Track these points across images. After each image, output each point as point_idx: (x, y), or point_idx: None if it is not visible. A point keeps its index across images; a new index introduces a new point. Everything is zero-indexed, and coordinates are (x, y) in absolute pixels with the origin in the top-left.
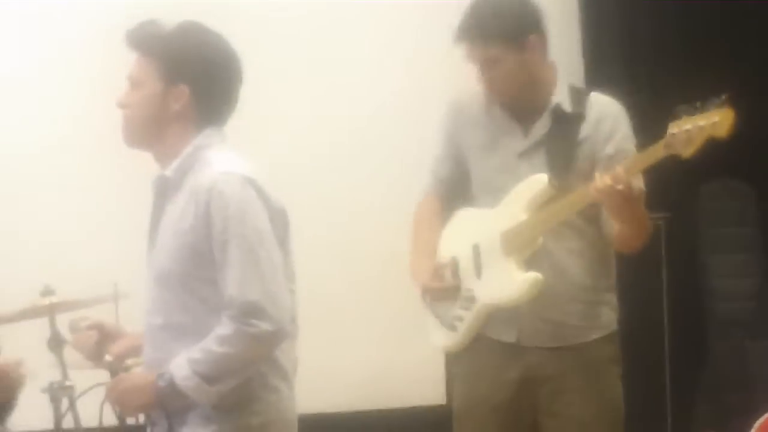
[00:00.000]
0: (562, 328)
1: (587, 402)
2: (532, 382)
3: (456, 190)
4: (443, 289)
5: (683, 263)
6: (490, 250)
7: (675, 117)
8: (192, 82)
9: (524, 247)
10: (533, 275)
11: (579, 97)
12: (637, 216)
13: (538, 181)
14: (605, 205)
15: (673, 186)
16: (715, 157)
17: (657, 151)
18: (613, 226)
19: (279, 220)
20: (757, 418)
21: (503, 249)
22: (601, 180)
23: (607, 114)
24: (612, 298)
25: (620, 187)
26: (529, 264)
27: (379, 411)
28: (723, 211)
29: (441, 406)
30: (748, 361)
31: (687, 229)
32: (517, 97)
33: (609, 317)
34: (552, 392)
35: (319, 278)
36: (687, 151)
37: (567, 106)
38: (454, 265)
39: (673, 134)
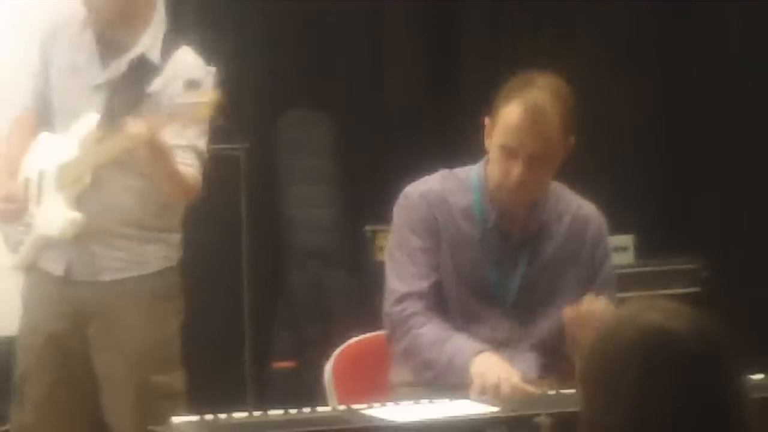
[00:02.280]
0: (110, 262)
1: (136, 337)
2: (84, 316)
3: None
4: (11, 211)
5: (262, 194)
6: (49, 179)
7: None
8: None
9: (74, 182)
10: (72, 215)
11: (168, 48)
12: (166, 173)
13: (89, 120)
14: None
15: (252, 116)
16: (294, 86)
17: (165, 120)
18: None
19: None
20: (335, 348)
21: (57, 182)
22: (134, 126)
23: (181, 76)
24: (169, 236)
25: (147, 137)
26: (81, 198)
27: None
28: (300, 141)
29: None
30: (324, 291)
31: (266, 159)
32: (112, 23)
33: (162, 254)
34: (103, 326)
35: None
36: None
37: (154, 54)
38: (25, 187)
39: (181, 104)
